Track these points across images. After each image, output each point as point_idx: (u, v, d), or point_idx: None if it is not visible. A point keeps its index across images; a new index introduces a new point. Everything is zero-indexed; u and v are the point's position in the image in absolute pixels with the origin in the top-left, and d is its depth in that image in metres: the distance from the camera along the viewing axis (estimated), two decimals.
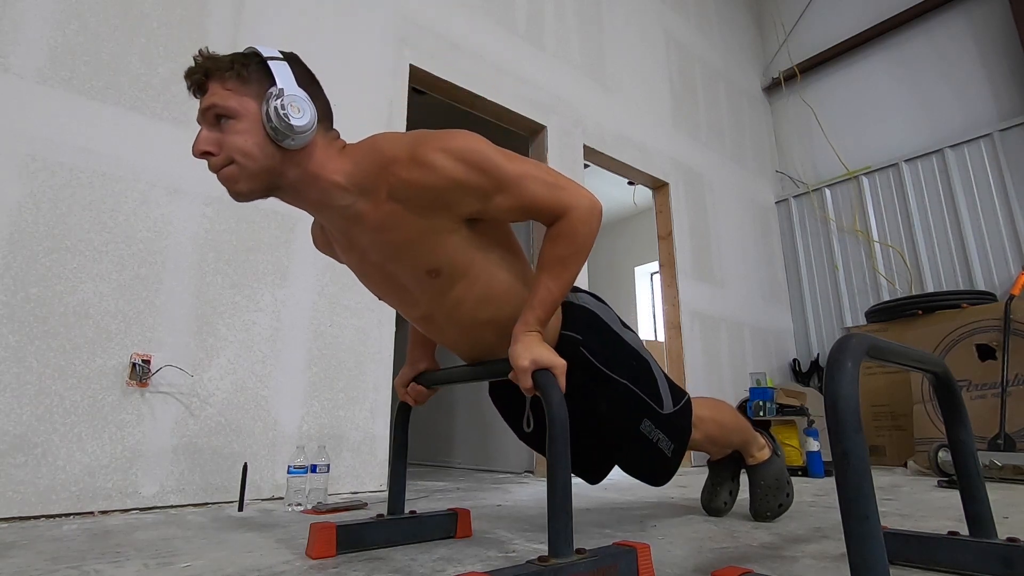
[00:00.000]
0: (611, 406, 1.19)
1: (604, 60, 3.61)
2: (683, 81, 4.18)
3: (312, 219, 1.17)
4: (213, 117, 0.89)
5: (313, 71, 1.05)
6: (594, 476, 1.35)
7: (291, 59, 0.96)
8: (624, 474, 1.32)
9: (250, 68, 0.90)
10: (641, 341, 1.30)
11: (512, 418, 1.36)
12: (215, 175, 0.92)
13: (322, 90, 1.00)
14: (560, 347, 1.15)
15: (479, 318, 1.07)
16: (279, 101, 0.88)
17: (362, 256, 1.05)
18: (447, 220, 0.95)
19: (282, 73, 0.92)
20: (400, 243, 0.97)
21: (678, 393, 1.28)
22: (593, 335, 1.19)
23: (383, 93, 2.52)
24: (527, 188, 0.96)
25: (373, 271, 1.08)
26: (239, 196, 0.94)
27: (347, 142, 1.00)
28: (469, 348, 1.18)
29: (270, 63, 0.92)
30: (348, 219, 0.98)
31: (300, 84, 0.93)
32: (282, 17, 2.29)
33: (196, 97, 0.92)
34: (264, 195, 0.96)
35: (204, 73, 0.90)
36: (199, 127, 0.91)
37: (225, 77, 0.89)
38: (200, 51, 0.91)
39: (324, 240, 1.17)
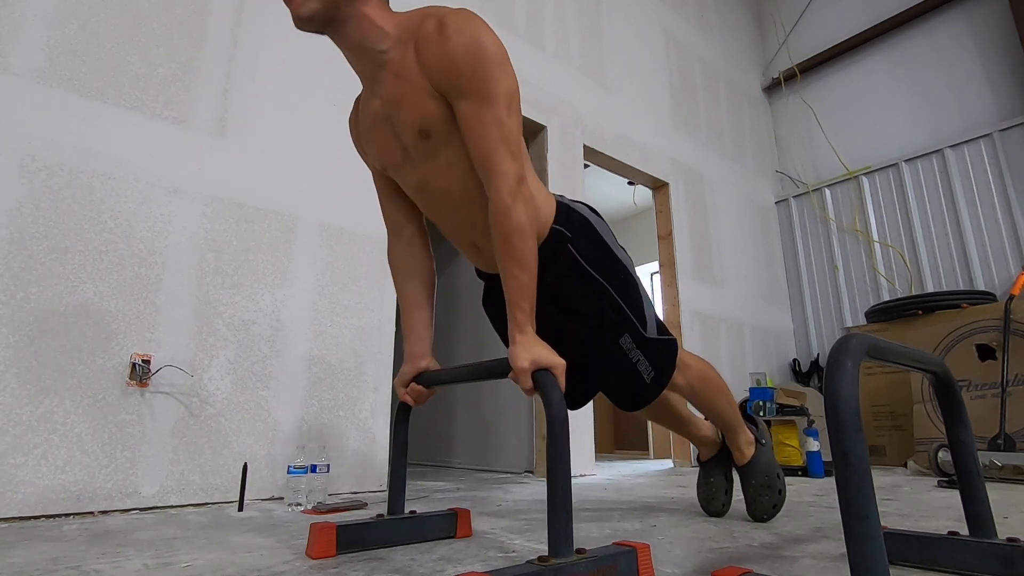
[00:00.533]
0: (592, 309, 1.18)
1: (604, 60, 3.61)
2: (683, 81, 4.18)
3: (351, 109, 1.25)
4: None
5: (312, 68, 1.06)
6: (574, 400, 1.33)
7: None
8: (624, 474, 1.32)
9: None
10: (632, 263, 1.28)
11: (503, 327, 1.35)
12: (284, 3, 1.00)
13: None
14: (549, 240, 1.16)
15: (468, 192, 1.09)
16: None
17: (377, 111, 1.10)
18: (431, 86, 1.00)
19: None
20: (403, 94, 1.03)
21: (664, 329, 1.26)
22: (583, 237, 1.20)
23: None
24: (487, 122, 0.98)
25: (383, 127, 1.11)
26: (301, 20, 1.00)
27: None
28: (462, 230, 1.18)
29: None
30: (378, 65, 1.04)
31: None
32: (282, 17, 2.29)
33: None
34: (323, 24, 1.02)
35: None
36: None
37: None
38: None
39: (356, 126, 1.22)
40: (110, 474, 1.67)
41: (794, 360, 4.29)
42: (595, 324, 1.19)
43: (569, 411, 1.34)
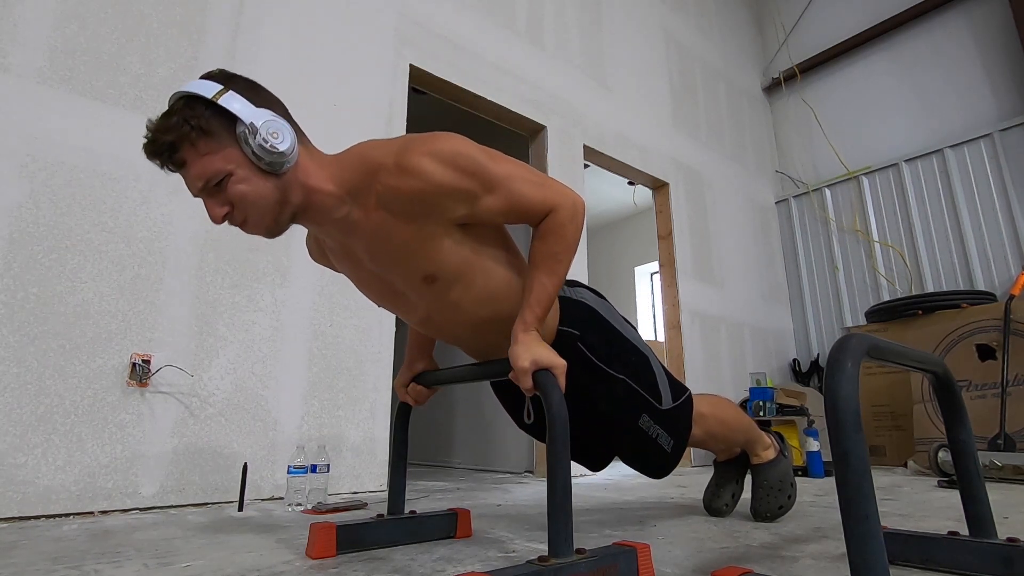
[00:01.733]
0: (609, 402, 1.19)
1: (604, 60, 3.61)
2: (683, 81, 4.18)
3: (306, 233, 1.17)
4: (211, 186, 0.88)
5: (312, 69, 1.04)
6: (595, 465, 1.36)
7: (228, 80, 0.91)
8: (624, 474, 1.33)
9: (208, 118, 0.86)
10: (639, 335, 1.30)
11: (513, 408, 1.37)
12: (241, 230, 0.94)
13: (268, 92, 0.95)
14: (558, 343, 1.15)
15: (479, 317, 1.08)
16: (258, 137, 0.86)
17: (358, 265, 1.05)
18: (437, 225, 0.94)
19: (236, 105, 0.87)
20: (393, 251, 0.97)
21: (678, 389, 1.28)
22: (591, 330, 1.20)
23: (383, 93, 2.52)
24: (514, 188, 0.96)
25: (370, 279, 1.08)
26: (272, 235, 0.96)
27: (321, 151, 1.00)
28: (472, 345, 1.19)
29: (220, 101, 0.86)
30: (343, 230, 0.98)
31: (256, 104, 0.89)
32: (282, 17, 2.29)
33: (173, 172, 0.89)
34: (289, 224, 0.96)
35: (171, 149, 0.85)
36: (199, 196, 0.90)
37: (195, 143, 0.85)
38: (147, 126, 0.86)
39: (319, 251, 1.17)
40: (110, 474, 1.66)
41: (794, 360, 4.29)
42: (613, 413, 1.21)
43: (595, 472, 1.36)
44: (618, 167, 3.61)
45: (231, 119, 0.87)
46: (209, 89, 0.87)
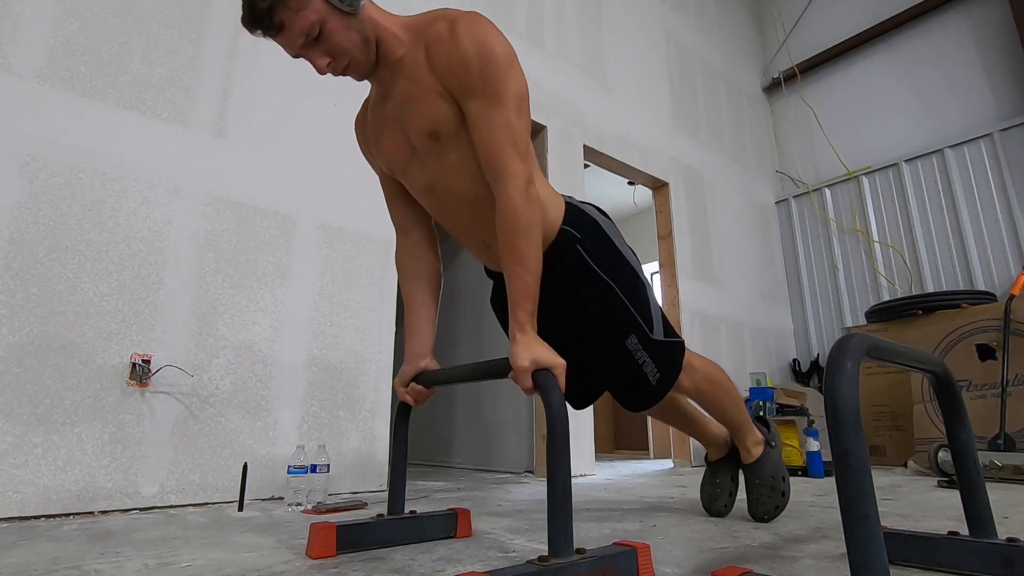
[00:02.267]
0: (599, 311, 1.19)
1: (604, 60, 3.61)
2: (683, 81, 4.18)
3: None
4: (310, 42, 0.99)
5: (312, 68, 1.09)
6: (577, 400, 1.34)
7: None
8: (624, 474, 1.32)
9: None
10: (640, 264, 1.29)
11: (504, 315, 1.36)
12: (343, 75, 1.06)
13: None
14: (557, 240, 1.17)
15: (476, 193, 1.09)
16: None
17: (387, 113, 1.12)
18: (445, 87, 1.02)
19: None
20: (413, 95, 1.05)
21: (671, 331, 1.27)
22: (592, 238, 1.20)
23: None
24: (496, 123, 1.00)
25: (392, 129, 1.13)
26: (364, 76, 1.08)
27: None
28: (471, 230, 1.18)
29: None
30: (393, 71, 1.07)
31: None
32: None
33: (272, 37, 0.99)
34: (376, 58, 1.07)
35: (270, 12, 0.95)
36: (299, 56, 1.02)
37: (287, 2, 0.95)
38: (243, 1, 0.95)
39: (363, 128, 1.24)
40: (110, 474, 1.67)
41: (794, 360, 4.29)
42: (602, 325, 1.20)
43: (575, 410, 1.36)
44: (618, 167, 3.61)
45: None
46: None
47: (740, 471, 1.54)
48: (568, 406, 1.39)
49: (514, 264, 1.00)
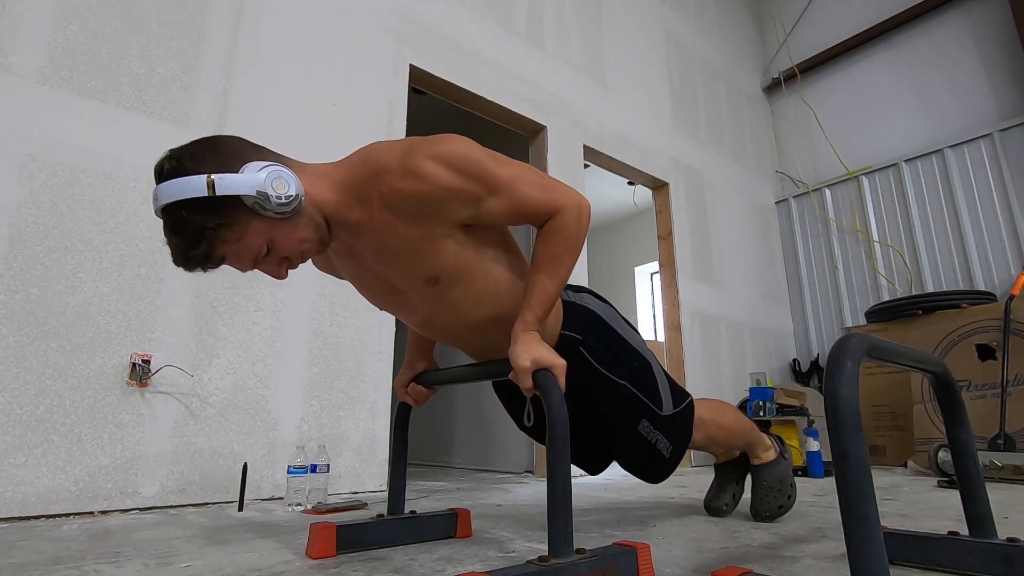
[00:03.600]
0: (610, 407, 1.20)
1: (604, 60, 3.61)
2: (683, 81, 4.18)
3: None
4: (258, 261, 0.91)
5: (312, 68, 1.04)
6: (594, 468, 1.36)
7: (194, 162, 0.84)
8: (624, 474, 1.33)
9: (219, 209, 0.84)
10: (643, 340, 1.30)
11: (514, 410, 1.37)
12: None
13: (230, 143, 0.90)
14: (560, 347, 1.15)
15: (480, 317, 1.08)
16: (268, 201, 0.85)
17: (361, 264, 1.05)
18: (441, 227, 0.94)
19: (232, 183, 0.83)
20: (397, 252, 0.97)
21: (680, 395, 1.29)
22: (593, 335, 1.20)
23: (383, 93, 2.52)
24: (519, 191, 0.96)
25: (371, 280, 1.08)
26: (326, 249, 1.00)
27: (311, 163, 0.98)
28: (473, 346, 1.19)
29: (216, 187, 0.82)
30: (349, 230, 0.98)
31: (237, 168, 0.85)
32: (282, 17, 2.29)
33: (215, 268, 0.90)
34: (329, 232, 0.97)
35: (206, 258, 0.86)
36: (253, 269, 0.93)
37: (225, 238, 0.85)
38: (170, 246, 0.86)
39: (323, 257, 1.16)
40: (110, 474, 1.66)
41: (794, 360, 4.29)
42: (613, 418, 1.21)
43: (593, 475, 1.37)
44: (618, 167, 3.61)
45: (235, 196, 0.84)
46: (196, 186, 0.82)
47: (747, 474, 1.55)
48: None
49: (542, 272, 0.99)
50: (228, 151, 0.88)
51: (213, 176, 0.82)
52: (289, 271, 0.95)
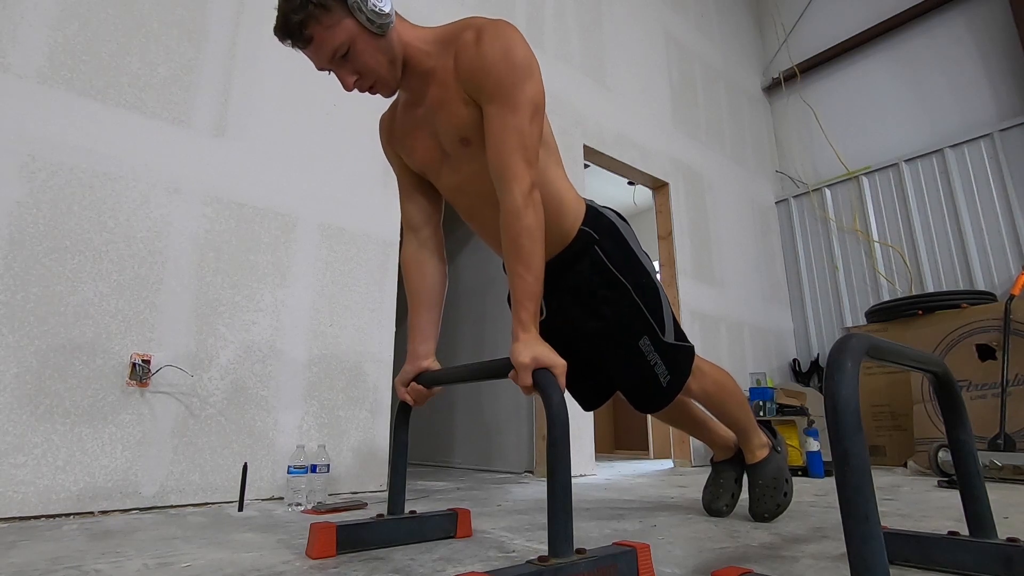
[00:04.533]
0: (614, 310, 1.22)
1: (604, 60, 3.61)
2: (683, 81, 4.18)
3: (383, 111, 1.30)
4: (338, 58, 1.01)
5: (312, 68, 1.10)
6: (590, 401, 1.37)
7: None
8: (624, 474, 1.33)
9: None
10: (655, 269, 1.32)
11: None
12: (370, 93, 1.09)
13: None
14: (576, 240, 1.22)
15: None
16: (366, 4, 0.98)
17: (419, 116, 1.14)
18: (472, 96, 1.04)
19: None
20: (444, 102, 1.07)
21: (681, 334, 1.30)
22: (609, 239, 1.24)
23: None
24: (508, 128, 1.01)
25: (424, 131, 1.15)
26: (392, 92, 1.11)
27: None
28: (495, 228, 1.20)
29: None
30: (423, 78, 1.10)
31: None
32: None
33: (301, 49, 1.02)
34: (401, 75, 1.10)
35: (301, 26, 0.98)
36: (328, 69, 1.05)
37: (320, 19, 0.98)
38: (277, 8, 1.01)
39: (389, 129, 1.26)
40: (110, 474, 1.67)
41: (794, 360, 4.29)
42: (616, 324, 1.23)
43: (585, 411, 1.38)
44: (618, 167, 3.61)
45: None
46: None
47: (745, 473, 1.55)
48: (579, 406, 1.42)
49: (517, 265, 1.01)
50: None
51: None
52: (354, 88, 1.05)
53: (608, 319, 1.23)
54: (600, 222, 1.26)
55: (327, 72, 1.07)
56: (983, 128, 3.69)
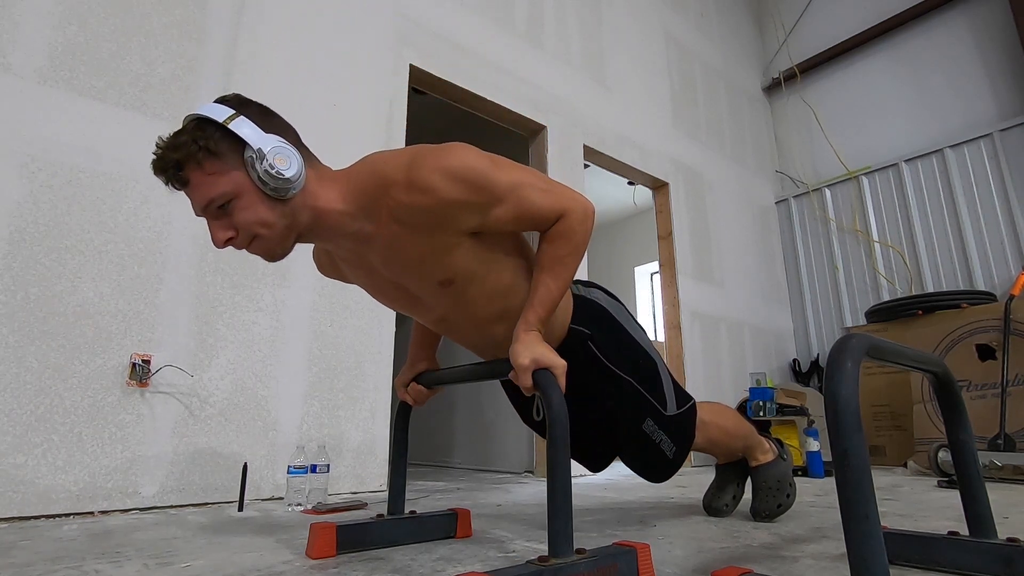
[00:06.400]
0: (616, 403, 1.21)
1: (604, 60, 3.61)
2: (683, 81, 4.18)
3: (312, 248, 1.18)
4: (214, 208, 0.88)
5: (312, 69, 1.05)
6: (595, 465, 1.37)
7: (241, 105, 0.91)
8: (624, 474, 1.33)
9: (217, 140, 0.86)
10: (650, 340, 1.31)
11: (520, 405, 1.38)
12: (247, 252, 0.94)
13: (280, 118, 0.95)
14: (568, 340, 1.17)
15: (493, 312, 1.09)
16: (264, 163, 0.86)
17: (372, 272, 1.06)
18: (450, 236, 0.95)
19: (246, 130, 0.87)
20: (408, 261, 0.98)
21: (683, 397, 1.29)
22: (602, 331, 1.21)
23: (383, 93, 2.51)
24: (524, 197, 0.96)
25: (385, 286, 1.08)
26: (275, 259, 0.96)
27: (330, 167, 0.99)
28: (483, 342, 1.19)
29: (231, 125, 0.87)
30: (358, 241, 0.98)
31: (266, 130, 0.89)
32: (282, 17, 2.29)
33: (178, 189, 0.89)
34: (293, 247, 0.97)
35: (177, 167, 0.86)
36: (202, 216, 0.91)
37: (201, 163, 0.86)
38: (157, 142, 0.87)
39: (330, 263, 1.17)
40: (110, 474, 1.66)
41: (794, 360, 4.29)
42: (619, 414, 1.22)
43: (594, 472, 1.38)
44: (618, 167, 3.61)
45: (240, 143, 0.87)
46: (221, 113, 0.88)
47: (748, 477, 1.55)
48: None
49: (547, 274, 0.99)
50: (278, 122, 0.94)
51: (240, 116, 0.88)
52: (227, 246, 0.91)
53: (610, 410, 1.22)
54: (590, 313, 1.22)
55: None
56: (983, 128, 3.69)
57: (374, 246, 0.97)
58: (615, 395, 1.20)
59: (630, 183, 4.40)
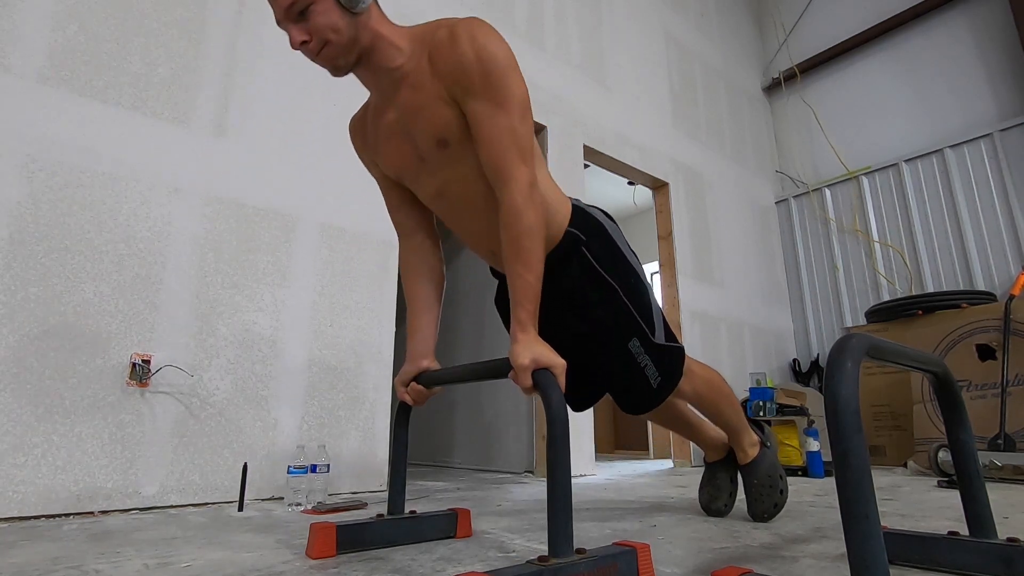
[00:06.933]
0: (603, 312, 1.21)
1: (604, 60, 3.61)
2: (683, 81, 4.18)
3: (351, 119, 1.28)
4: (296, 13, 0.98)
5: (312, 68, 1.09)
6: (578, 402, 1.36)
7: None
8: (624, 474, 1.33)
9: None
10: (643, 270, 1.31)
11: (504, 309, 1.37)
12: (315, 61, 1.05)
13: None
14: (563, 242, 1.20)
15: (488, 198, 1.10)
16: None
17: (391, 128, 1.12)
18: (451, 94, 1.02)
19: None
20: (419, 104, 1.05)
21: (672, 336, 1.29)
22: (596, 240, 1.23)
23: None
24: (499, 127, 1.00)
25: (400, 140, 1.13)
26: (338, 71, 1.07)
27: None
28: (479, 235, 1.20)
29: None
30: (394, 80, 1.07)
31: None
32: None
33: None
34: (354, 66, 1.07)
35: None
36: (287, 30, 1.02)
37: None
38: None
39: (363, 134, 1.24)
40: (110, 474, 1.67)
41: (794, 360, 4.29)
42: (605, 326, 1.21)
43: (574, 412, 1.37)
44: (618, 167, 3.61)
45: None
46: None
47: (739, 472, 1.55)
48: (568, 408, 1.41)
49: (516, 264, 1.00)
50: None
51: None
52: (300, 48, 1.01)
53: (597, 321, 1.21)
54: (587, 223, 1.24)
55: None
56: (983, 128, 3.69)
57: (404, 86, 1.06)
58: (604, 304, 1.20)
59: (630, 183, 4.40)
